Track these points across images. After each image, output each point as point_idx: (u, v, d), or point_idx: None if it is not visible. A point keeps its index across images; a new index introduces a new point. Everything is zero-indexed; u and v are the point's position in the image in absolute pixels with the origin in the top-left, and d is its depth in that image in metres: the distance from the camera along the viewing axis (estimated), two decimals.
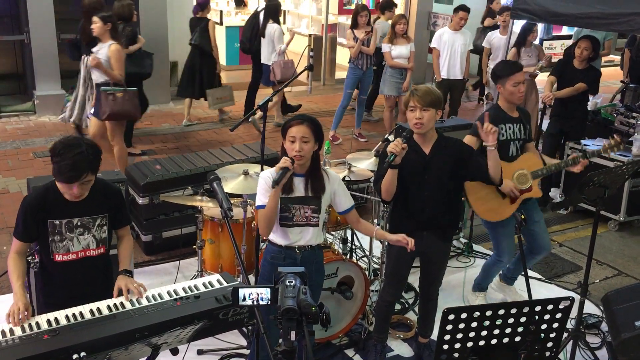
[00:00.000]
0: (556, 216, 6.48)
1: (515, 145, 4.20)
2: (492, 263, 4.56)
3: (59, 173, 2.80)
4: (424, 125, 3.50)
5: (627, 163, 4.27)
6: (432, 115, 3.50)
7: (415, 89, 3.54)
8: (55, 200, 2.93)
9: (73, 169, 2.78)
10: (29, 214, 2.94)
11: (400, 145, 3.37)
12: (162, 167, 5.30)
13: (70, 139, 2.88)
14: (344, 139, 8.28)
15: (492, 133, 3.59)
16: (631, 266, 5.50)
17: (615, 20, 5.53)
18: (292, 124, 3.15)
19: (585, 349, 4.04)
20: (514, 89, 4.09)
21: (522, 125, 4.22)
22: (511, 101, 4.16)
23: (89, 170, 2.83)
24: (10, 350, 2.49)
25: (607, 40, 8.58)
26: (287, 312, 2.08)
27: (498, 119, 4.11)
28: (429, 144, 3.60)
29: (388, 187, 3.52)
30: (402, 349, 4.20)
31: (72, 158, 2.76)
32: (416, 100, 3.47)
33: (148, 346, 2.78)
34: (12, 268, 2.97)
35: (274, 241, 3.31)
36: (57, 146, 2.82)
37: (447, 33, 7.89)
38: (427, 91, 3.50)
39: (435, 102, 3.49)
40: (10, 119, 8.49)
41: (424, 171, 3.58)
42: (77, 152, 2.78)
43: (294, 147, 3.11)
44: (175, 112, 9.26)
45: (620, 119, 6.86)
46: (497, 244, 4.44)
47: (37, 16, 8.38)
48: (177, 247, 5.12)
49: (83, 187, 2.89)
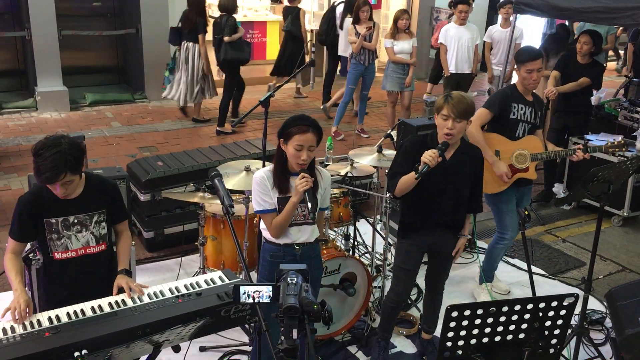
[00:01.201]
0: (560, 212, 6.46)
1: (524, 127, 4.34)
2: (495, 242, 4.60)
3: (37, 173, 2.76)
4: (454, 137, 3.43)
5: (631, 158, 4.23)
6: (464, 126, 3.43)
7: (450, 95, 3.42)
8: (50, 198, 2.89)
9: (51, 169, 2.72)
10: (25, 213, 2.92)
11: (436, 158, 3.33)
12: (163, 163, 5.29)
13: (51, 138, 2.80)
14: (346, 135, 8.26)
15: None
16: (635, 262, 5.48)
17: (618, 15, 5.50)
18: (297, 131, 3.03)
19: (589, 345, 4.03)
20: (526, 75, 4.26)
21: (533, 110, 4.35)
22: (524, 86, 4.32)
23: (67, 170, 2.75)
24: (12, 348, 2.48)
25: (609, 35, 8.53)
26: (289, 310, 2.07)
27: (511, 97, 4.33)
28: (452, 149, 3.54)
29: (405, 189, 3.49)
30: (405, 345, 4.19)
31: (49, 158, 2.70)
32: (449, 110, 3.36)
33: (149, 344, 2.77)
34: (10, 266, 2.94)
35: (272, 240, 3.29)
36: (37, 146, 2.76)
37: (453, 28, 7.85)
38: (460, 99, 3.38)
39: (468, 111, 3.40)
40: (12, 116, 8.48)
41: (443, 176, 3.53)
42: (55, 152, 2.71)
43: (300, 155, 3.04)
44: (177, 109, 9.25)
45: (624, 113, 6.82)
46: (499, 220, 4.53)
47: (38, 12, 8.37)
48: (179, 244, 5.11)
49: (67, 187, 2.83)
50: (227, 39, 7.74)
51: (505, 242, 4.54)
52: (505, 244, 4.57)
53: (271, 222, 3.17)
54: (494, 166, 4.28)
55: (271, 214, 3.17)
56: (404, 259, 3.78)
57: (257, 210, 3.20)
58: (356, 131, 8.38)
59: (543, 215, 6.33)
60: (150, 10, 9.08)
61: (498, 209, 4.50)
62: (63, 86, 8.77)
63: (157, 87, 9.21)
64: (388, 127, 7.73)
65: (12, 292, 4.50)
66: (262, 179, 3.16)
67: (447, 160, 3.52)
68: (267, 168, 3.23)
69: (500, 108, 4.31)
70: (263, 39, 11.23)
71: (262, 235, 3.37)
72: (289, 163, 3.14)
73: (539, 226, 6.09)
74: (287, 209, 3.11)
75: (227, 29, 7.76)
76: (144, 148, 7.56)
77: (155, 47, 9.13)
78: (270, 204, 3.16)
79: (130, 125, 8.35)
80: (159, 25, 9.06)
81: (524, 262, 5.05)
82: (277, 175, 3.16)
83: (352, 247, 4.76)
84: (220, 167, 4.30)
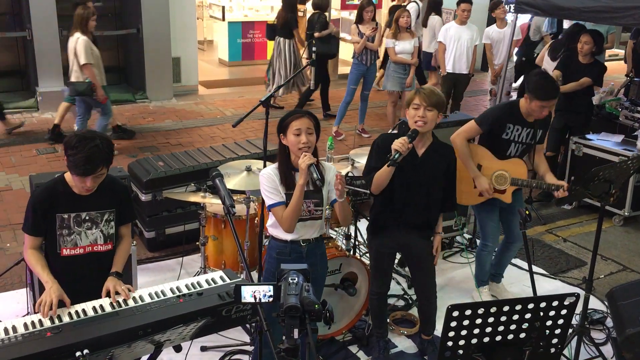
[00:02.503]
0: (561, 211, 6.45)
1: (517, 147, 4.23)
2: (479, 250, 4.60)
3: (75, 166, 2.81)
4: (427, 125, 3.49)
5: (632, 158, 4.24)
6: (435, 116, 3.50)
7: (421, 88, 3.55)
8: (64, 193, 2.94)
9: (88, 162, 2.79)
10: (38, 208, 2.94)
11: (406, 144, 3.38)
12: (164, 163, 5.29)
13: (85, 132, 2.91)
14: (347, 135, 8.26)
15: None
16: (636, 261, 5.47)
17: (620, 14, 5.50)
18: (292, 118, 3.13)
19: (590, 345, 4.02)
20: (538, 109, 4.05)
21: (532, 131, 4.21)
22: (530, 113, 4.13)
23: (103, 164, 2.86)
24: (13, 348, 2.49)
25: (610, 34, 8.52)
26: (290, 309, 2.07)
27: (509, 117, 4.17)
28: (424, 146, 3.60)
29: (381, 183, 3.53)
30: (406, 345, 4.19)
31: (87, 151, 2.78)
32: (421, 99, 3.47)
33: (151, 343, 2.77)
34: (34, 261, 2.96)
35: (279, 237, 3.30)
36: (71, 140, 2.83)
37: (453, 27, 7.85)
38: (432, 91, 3.51)
39: (439, 103, 3.50)
40: (13, 116, 8.48)
41: (413, 172, 3.57)
42: (92, 146, 2.80)
43: (300, 139, 3.10)
44: (178, 109, 9.26)
45: (625, 113, 6.82)
46: (481, 227, 4.51)
47: (39, 12, 8.37)
48: (180, 244, 5.11)
49: (96, 180, 2.90)
50: (317, 35, 8.44)
51: (487, 249, 4.53)
52: (489, 251, 4.55)
53: (282, 215, 3.19)
54: (476, 181, 4.20)
55: (282, 207, 3.19)
56: (375, 262, 3.87)
57: (269, 204, 3.20)
58: (357, 131, 8.38)
59: (544, 214, 6.32)
60: (151, 10, 9.08)
61: (480, 217, 4.48)
62: (64, 86, 8.76)
63: (158, 86, 9.23)
64: (389, 127, 7.73)
65: (12, 292, 4.57)
66: (270, 174, 3.20)
67: (419, 157, 3.57)
68: (272, 166, 3.25)
69: (492, 127, 4.18)
70: (264, 39, 11.24)
71: (269, 233, 3.37)
72: (291, 159, 3.18)
73: (540, 226, 6.09)
74: (296, 195, 3.13)
75: (317, 25, 8.47)
76: (145, 148, 7.56)
77: (157, 47, 9.14)
78: (280, 197, 3.19)
79: (131, 125, 8.35)
80: (160, 25, 9.07)
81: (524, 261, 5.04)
82: (282, 172, 3.19)
83: (353, 246, 4.76)
84: (222, 167, 4.31)
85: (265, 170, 3.25)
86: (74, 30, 6.75)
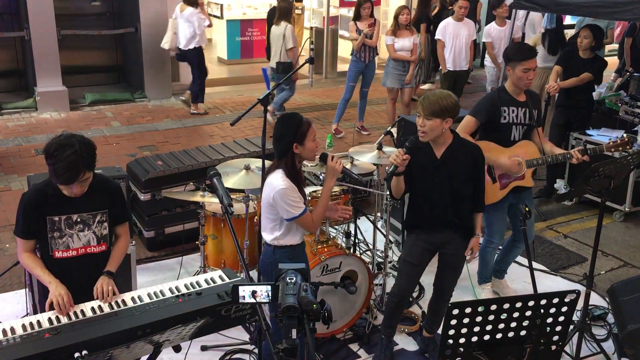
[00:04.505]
0: (561, 207, 6.43)
1: (518, 129, 4.17)
2: (484, 246, 4.56)
3: (55, 175, 2.77)
4: (427, 134, 3.47)
5: (632, 153, 4.23)
6: (436, 125, 3.43)
7: (425, 96, 3.48)
8: (54, 196, 2.90)
9: (68, 170, 2.73)
10: (29, 211, 2.91)
11: (401, 157, 3.38)
12: (163, 162, 5.28)
13: (62, 138, 2.80)
14: (347, 132, 8.24)
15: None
16: (637, 257, 5.46)
17: (619, 9, 5.47)
18: (306, 126, 3.20)
19: (591, 341, 4.01)
20: (522, 75, 4.04)
21: (527, 110, 4.16)
22: (518, 86, 4.11)
23: (85, 169, 2.79)
24: (12, 349, 2.48)
25: (609, 29, 8.50)
26: (288, 309, 2.05)
27: (500, 101, 4.13)
28: (442, 147, 3.55)
29: (395, 190, 3.58)
30: (406, 342, 4.17)
31: (65, 159, 2.71)
32: (420, 108, 3.46)
33: (150, 344, 2.76)
34: (32, 264, 2.95)
35: (289, 243, 3.30)
36: (50, 147, 2.77)
37: (451, 24, 7.83)
38: (434, 101, 3.41)
39: (442, 111, 3.40)
40: (12, 116, 8.48)
41: (433, 174, 3.54)
42: (71, 153, 2.72)
43: (317, 144, 3.24)
44: (177, 107, 9.24)
45: (624, 108, 6.79)
46: (488, 225, 4.47)
47: (37, 12, 8.35)
48: (180, 243, 5.10)
49: (82, 185, 2.86)
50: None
51: (492, 245, 4.51)
52: (493, 247, 4.54)
53: (312, 219, 3.24)
54: (497, 164, 4.11)
55: (308, 213, 3.24)
56: (408, 251, 3.79)
57: (299, 214, 3.17)
58: (356, 128, 8.36)
59: (544, 211, 6.31)
60: (149, 9, 9.07)
61: (488, 214, 4.38)
62: (62, 86, 8.76)
63: (157, 86, 9.21)
64: (388, 124, 7.71)
65: (11, 293, 4.56)
66: (292, 186, 3.18)
67: (438, 159, 3.54)
68: (283, 176, 3.18)
69: (488, 115, 4.12)
70: (263, 37, 11.21)
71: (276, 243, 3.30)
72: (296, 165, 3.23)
73: (541, 222, 6.07)
74: (326, 197, 3.24)
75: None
76: (144, 147, 7.55)
77: (155, 46, 9.11)
78: (303, 203, 3.22)
79: (130, 125, 8.35)
80: (158, 24, 9.05)
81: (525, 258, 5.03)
82: (294, 180, 3.21)
83: (353, 244, 4.75)
84: (220, 165, 4.30)
85: (280, 182, 3.16)
86: (280, 20, 8.08)
